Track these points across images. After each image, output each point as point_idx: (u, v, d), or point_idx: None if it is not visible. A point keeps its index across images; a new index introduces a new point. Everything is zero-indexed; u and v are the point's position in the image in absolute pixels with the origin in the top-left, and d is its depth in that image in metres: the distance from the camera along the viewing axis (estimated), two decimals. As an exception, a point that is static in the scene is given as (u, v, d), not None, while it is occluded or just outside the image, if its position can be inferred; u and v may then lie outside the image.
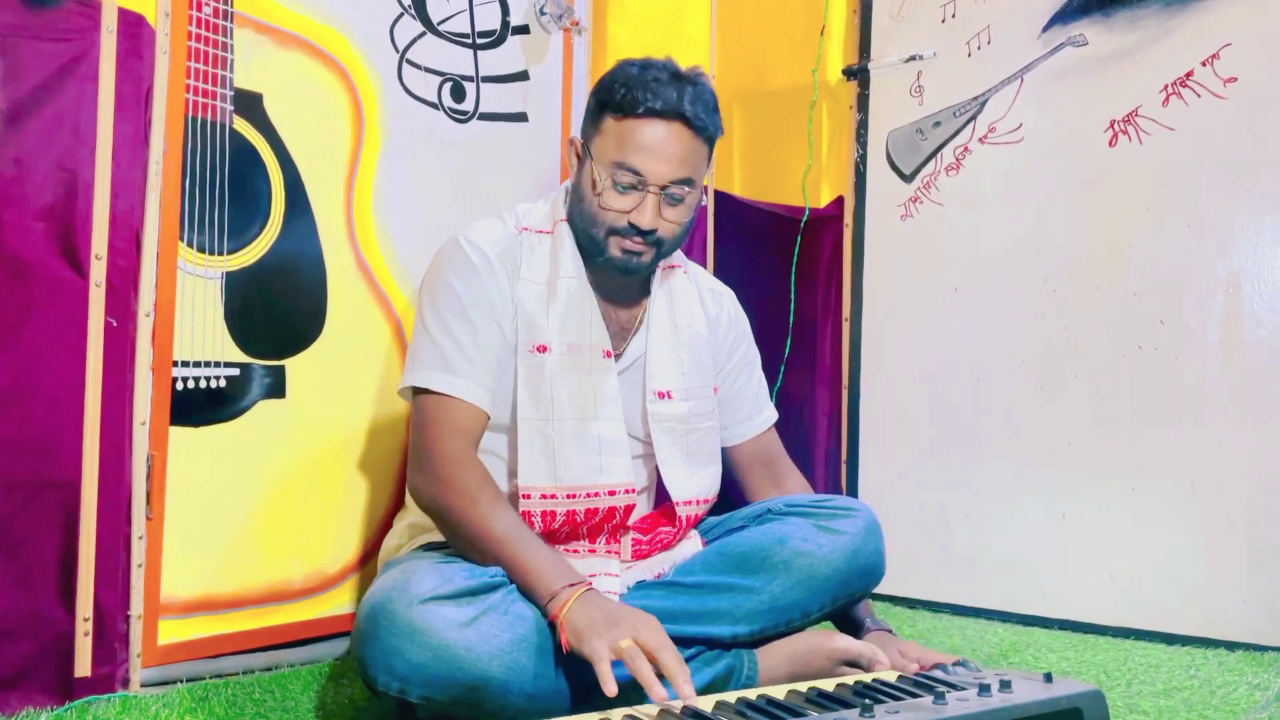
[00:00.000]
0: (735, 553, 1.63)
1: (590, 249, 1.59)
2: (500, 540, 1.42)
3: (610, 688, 1.25)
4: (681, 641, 1.57)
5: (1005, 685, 1.36)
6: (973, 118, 2.36)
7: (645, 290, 1.70)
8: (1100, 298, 2.17)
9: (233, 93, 1.71)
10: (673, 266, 1.74)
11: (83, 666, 1.48)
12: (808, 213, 2.52)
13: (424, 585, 1.34)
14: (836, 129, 2.55)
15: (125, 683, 1.56)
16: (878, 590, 2.42)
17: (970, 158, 2.36)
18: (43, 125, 1.45)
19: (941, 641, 2.06)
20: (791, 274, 2.54)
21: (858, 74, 2.52)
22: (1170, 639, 2.04)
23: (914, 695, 1.35)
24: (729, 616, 1.58)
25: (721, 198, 2.63)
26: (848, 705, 1.30)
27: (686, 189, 1.55)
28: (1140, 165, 2.14)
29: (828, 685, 1.40)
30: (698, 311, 1.74)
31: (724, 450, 1.83)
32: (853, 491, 2.48)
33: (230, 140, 1.71)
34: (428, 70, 2.02)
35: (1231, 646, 1.96)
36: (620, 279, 1.63)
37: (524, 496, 1.55)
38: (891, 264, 2.46)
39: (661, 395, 1.67)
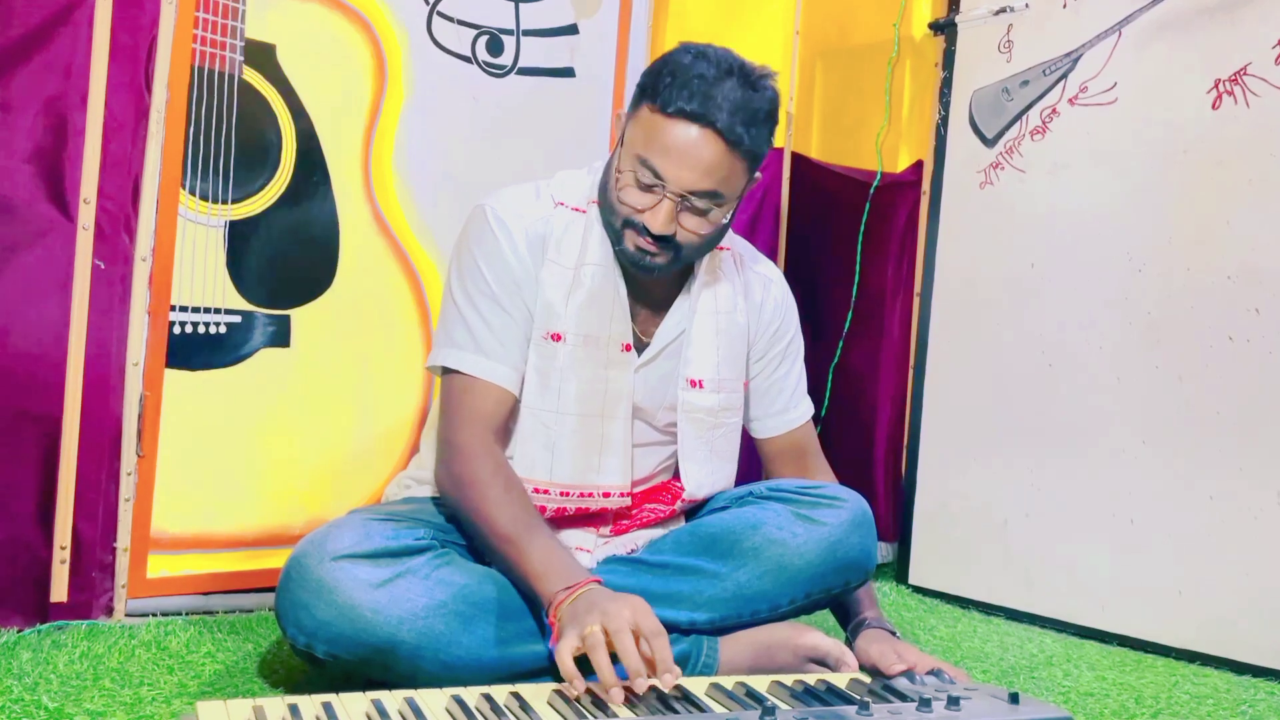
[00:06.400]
0: (706, 534, 1.54)
1: (609, 235, 1.52)
2: (505, 539, 1.38)
3: (577, 686, 1.18)
4: (638, 622, 1.51)
5: (954, 702, 1.24)
6: (1064, 76, 2.13)
7: (685, 271, 1.60)
8: (1190, 281, 1.93)
9: (243, 43, 1.74)
10: (721, 248, 1.63)
11: (59, 592, 1.56)
12: (879, 177, 2.36)
13: (341, 542, 1.33)
14: (920, 88, 2.36)
15: (109, 611, 1.63)
16: (925, 586, 2.28)
17: (1058, 120, 2.14)
18: (32, 70, 1.51)
19: (973, 647, 1.90)
20: (858, 242, 2.38)
21: (945, 28, 2.32)
22: (1240, 668, 1.80)
23: (849, 702, 1.25)
24: (689, 601, 1.50)
25: (798, 160, 2.49)
26: (759, 703, 1.21)
27: (711, 203, 1.43)
28: (1246, 131, 1.87)
29: (759, 682, 1.32)
30: (740, 298, 1.64)
31: (754, 441, 1.74)
32: (911, 479, 2.32)
33: (239, 91, 1.74)
34: (461, 23, 1.99)
35: (1308, 683, 1.72)
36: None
37: None
38: (967, 235, 2.27)
39: (694, 384, 1.59)
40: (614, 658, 1.19)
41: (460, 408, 1.48)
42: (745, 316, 1.64)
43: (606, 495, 1.55)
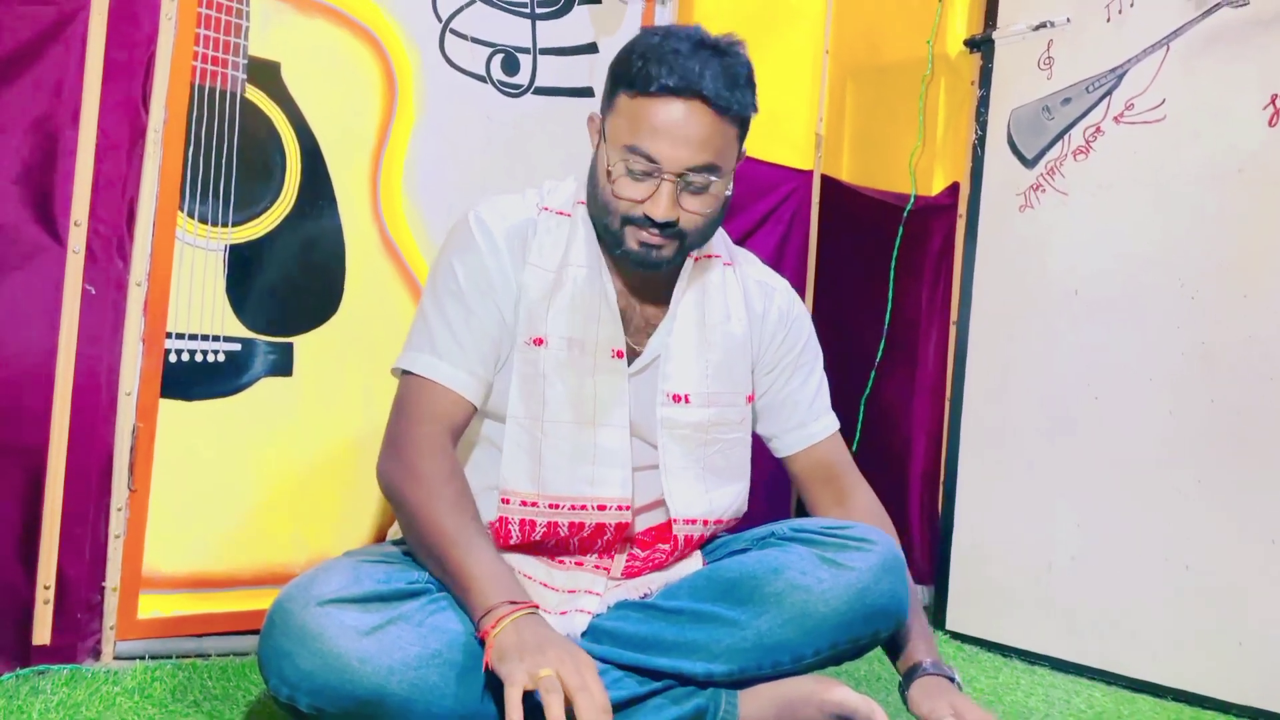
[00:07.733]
0: (724, 579, 1.43)
1: (608, 240, 1.44)
2: (449, 541, 1.29)
3: (514, 716, 1.11)
4: (650, 674, 1.40)
5: (993, 771, 1.12)
6: (1108, 93, 2.02)
7: (674, 282, 1.52)
8: (1247, 308, 1.81)
9: (246, 61, 1.67)
10: (711, 256, 1.55)
11: (41, 635, 1.48)
12: (912, 200, 2.25)
13: (328, 586, 1.24)
14: (955, 107, 2.26)
15: (96, 654, 1.55)
16: (963, 632, 2.15)
17: (1102, 140, 2.02)
18: (21, 89, 1.44)
19: (1015, 700, 1.77)
20: (890, 269, 2.27)
21: (981, 45, 2.22)
22: (1306, 728, 1.67)
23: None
24: (705, 651, 1.39)
25: (827, 182, 2.40)
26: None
27: (709, 177, 1.36)
28: (1306, 149, 1.76)
29: (781, 745, 1.21)
30: (737, 308, 1.54)
31: (781, 461, 1.64)
32: (948, 518, 2.19)
33: (241, 110, 1.67)
34: (475, 41, 1.92)
35: (1381, 747, 1.58)
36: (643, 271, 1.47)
37: (504, 501, 1.42)
38: (1006, 261, 2.16)
39: (676, 399, 1.49)
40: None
41: (414, 406, 1.39)
42: (745, 327, 1.54)
43: (602, 508, 1.45)
